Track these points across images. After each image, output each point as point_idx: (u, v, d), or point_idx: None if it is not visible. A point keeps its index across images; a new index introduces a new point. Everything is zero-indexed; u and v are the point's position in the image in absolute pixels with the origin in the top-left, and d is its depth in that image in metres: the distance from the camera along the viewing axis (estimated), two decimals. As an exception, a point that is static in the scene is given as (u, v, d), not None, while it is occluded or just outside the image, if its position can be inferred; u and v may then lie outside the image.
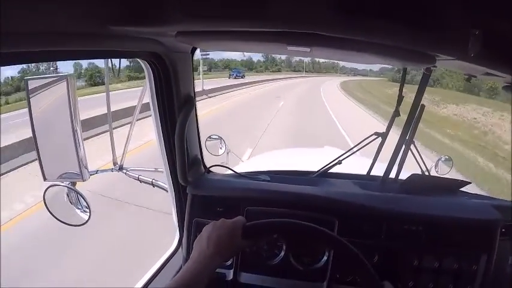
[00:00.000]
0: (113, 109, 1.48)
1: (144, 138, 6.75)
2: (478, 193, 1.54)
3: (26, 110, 1.00)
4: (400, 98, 1.32)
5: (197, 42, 0.90)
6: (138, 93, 1.36)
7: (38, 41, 0.58)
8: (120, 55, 0.94)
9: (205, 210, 1.23)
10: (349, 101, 22.59)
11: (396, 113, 1.36)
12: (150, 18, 0.67)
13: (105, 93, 1.49)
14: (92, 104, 7.89)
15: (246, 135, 8.73)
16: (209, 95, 19.00)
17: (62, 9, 0.57)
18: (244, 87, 29.07)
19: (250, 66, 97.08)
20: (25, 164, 6.15)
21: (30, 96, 1.00)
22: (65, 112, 1.01)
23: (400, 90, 1.32)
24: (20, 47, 0.56)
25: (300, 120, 11.91)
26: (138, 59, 1.02)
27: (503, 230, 1.17)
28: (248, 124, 10.56)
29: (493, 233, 1.14)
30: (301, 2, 0.59)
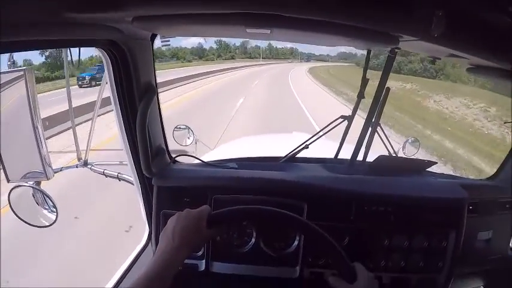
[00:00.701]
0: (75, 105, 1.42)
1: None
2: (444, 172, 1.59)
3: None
4: (365, 81, 1.33)
5: (155, 27, 0.87)
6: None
7: None
8: (76, 44, 0.90)
9: (172, 201, 1.20)
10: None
11: (361, 95, 1.36)
12: (105, 4, 0.64)
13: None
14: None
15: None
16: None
17: None
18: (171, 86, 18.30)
19: (200, 55, 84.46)
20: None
21: (-15, 92, 0.94)
22: (24, 108, 0.96)
23: (364, 72, 1.33)
24: None
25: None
26: (95, 48, 0.98)
27: (470, 207, 1.21)
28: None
29: (461, 211, 1.18)
30: None
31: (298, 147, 1.47)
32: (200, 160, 1.39)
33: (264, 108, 12.35)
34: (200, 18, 0.69)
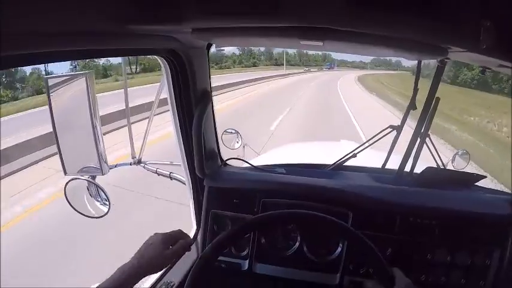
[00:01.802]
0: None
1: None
2: (493, 188, 1.50)
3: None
4: (416, 91, 1.29)
5: (212, 38, 0.90)
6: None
7: (59, 40, 0.59)
8: (137, 53, 0.95)
9: (222, 201, 1.24)
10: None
11: (412, 106, 1.32)
12: (166, 16, 0.67)
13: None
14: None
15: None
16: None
17: (81, 9, 0.57)
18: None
19: (218, 61, 73.77)
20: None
21: (51, 93, 1.02)
22: (84, 109, 1.02)
23: (416, 82, 1.29)
24: (40, 47, 0.57)
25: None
26: (155, 56, 1.03)
27: None
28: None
29: (507, 229, 1.12)
30: None
31: (346, 155, 1.45)
32: (250, 164, 1.42)
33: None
34: (256, 31, 0.70)
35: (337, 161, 1.46)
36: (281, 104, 13.66)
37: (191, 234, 1.36)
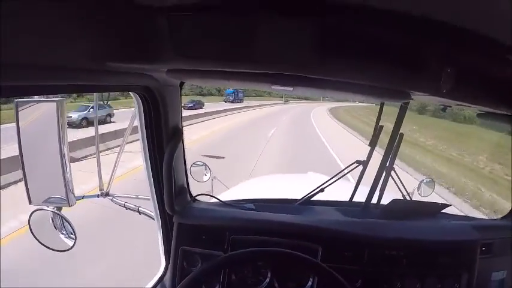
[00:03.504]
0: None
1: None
2: (457, 214, 1.53)
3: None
4: (377, 129, 1.34)
5: (186, 78, 0.91)
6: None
7: (39, 74, 0.56)
8: (114, 89, 0.93)
9: (192, 238, 1.21)
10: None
11: (374, 144, 1.36)
12: (144, 56, 0.67)
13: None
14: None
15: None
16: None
17: (61, 45, 0.55)
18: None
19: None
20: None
21: (20, 117, 0.95)
22: (53, 136, 0.96)
23: (377, 122, 1.34)
24: (15, 81, 0.54)
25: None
26: (130, 92, 1.02)
27: (483, 248, 1.17)
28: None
29: (473, 253, 1.15)
30: (285, 48, 0.60)
31: (314, 190, 1.45)
32: (219, 200, 1.39)
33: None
34: (230, 75, 0.71)
35: (305, 196, 1.45)
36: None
37: (160, 271, 1.30)
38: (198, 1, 0.59)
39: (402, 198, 1.46)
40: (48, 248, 1.14)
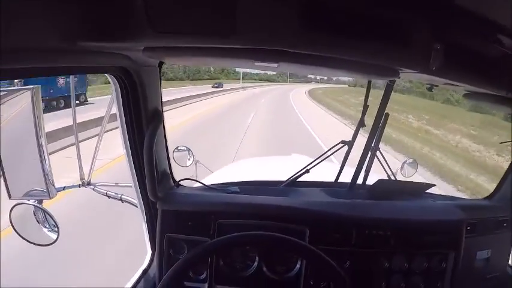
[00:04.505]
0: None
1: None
2: (442, 194, 1.56)
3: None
4: (365, 109, 1.31)
5: (165, 57, 0.85)
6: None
7: (4, 57, 0.51)
8: (88, 70, 0.89)
9: (177, 225, 1.16)
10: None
11: (361, 123, 1.34)
12: (118, 34, 0.62)
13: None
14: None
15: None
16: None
17: (29, 25, 0.51)
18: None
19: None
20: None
21: (-8, 108, 0.89)
22: (29, 126, 0.90)
23: (365, 101, 1.31)
24: None
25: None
26: (105, 74, 0.95)
27: (468, 228, 1.18)
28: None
29: (459, 232, 1.16)
30: (269, 20, 0.57)
31: (299, 171, 1.42)
32: (203, 184, 1.34)
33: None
34: (210, 51, 0.67)
35: (290, 178, 1.43)
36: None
37: (146, 259, 1.26)
38: None
39: (387, 178, 1.45)
40: (31, 243, 1.10)
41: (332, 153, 1.44)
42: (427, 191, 1.42)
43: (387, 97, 1.24)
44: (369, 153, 1.33)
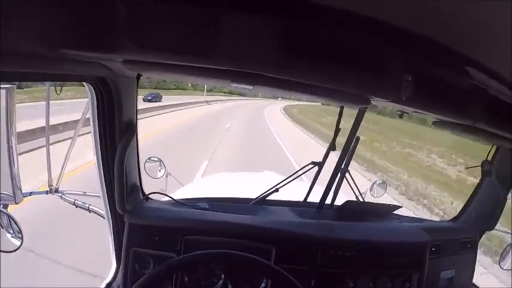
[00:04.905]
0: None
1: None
2: (408, 215, 1.60)
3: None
4: (337, 132, 1.35)
5: (143, 70, 0.85)
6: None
7: None
8: (66, 78, 0.86)
9: (144, 239, 1.14)
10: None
11: (331, 147, 1.37)
12: (99, 44, 0.62)
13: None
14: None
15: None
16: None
17: (12, 28, 0.51)
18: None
19: None
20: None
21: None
22: (1, 125, 0.88)
23: (337, 125, 1.34)
24: None
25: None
26: (83, 82, 0.95)
27: (433, 249, 1.22)
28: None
29: (423, 253, 1.19)
30: (249, 44, 0.59)
31: (268, 190, 1.42)
32: (172, 199, 1.33)
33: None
34: (189, 69, 0.67)
35: (259, 196, 1.43)
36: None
37: (110, 273, 1.22)
38: None
39: (356, 199, 1.48)
40: None
41: (302, 173, 1.46)
42: (394, 212, 1.45)
43: (359, 122, 1.28)
44: (339, 174, 1.36)
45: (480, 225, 1.40)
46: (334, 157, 1.39)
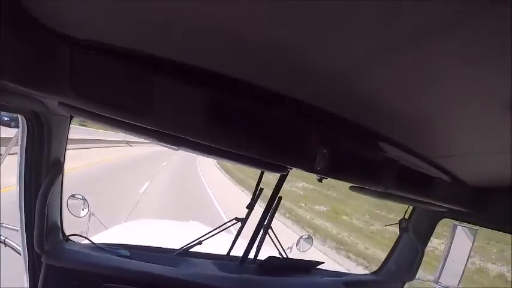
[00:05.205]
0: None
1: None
2: (331, 270, 1.64)
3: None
4: (259, 194, 1.39)
5: (77, 115, 0.84)
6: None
7: None
8: (1, 108, 0.84)
9: (61, 283, 1.09)
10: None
11: (251, 207, 1.41)
12: (38, 82, 0.62)
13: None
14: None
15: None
16: None
17: None
18: None
19: None
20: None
21: None
22: None
23: (257, 187, 1.39)
24: None
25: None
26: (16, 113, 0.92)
27: None
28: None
29: None
30: (179, 111, 0.63)
31: (192, 241, 1.41)
32: (93, 243, 1.28)
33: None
34: (119, 123, 0.69)
35: (183, 247, 1.41)
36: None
37: None
38: (104, 43, 0.58)
39: (279, 255, 1.50)
40: None
41: (225, 228, 1.47)
42: (317, 267, 1.49)
43: (280, 185, 1.34)
44: (261, 230, 1.38)
45: (401, 277, 1.48)
46: (259, 210, 1.41)
